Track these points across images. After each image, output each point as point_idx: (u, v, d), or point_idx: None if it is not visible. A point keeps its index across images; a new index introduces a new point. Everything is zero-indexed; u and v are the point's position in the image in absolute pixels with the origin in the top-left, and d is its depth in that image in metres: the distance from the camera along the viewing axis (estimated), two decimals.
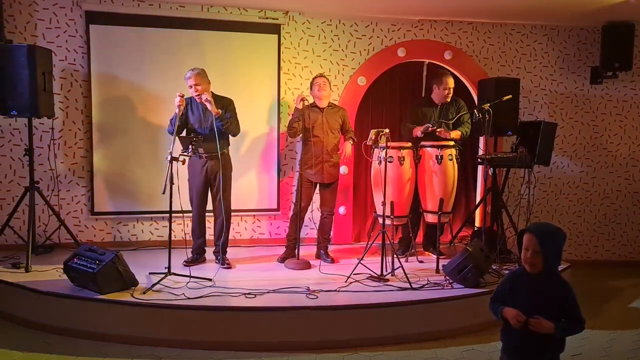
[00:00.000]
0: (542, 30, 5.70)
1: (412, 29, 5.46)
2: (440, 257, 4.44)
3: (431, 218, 4.60)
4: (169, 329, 3.48)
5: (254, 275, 4.26)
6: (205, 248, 4.58)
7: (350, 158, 4.74)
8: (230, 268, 4.42)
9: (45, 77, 4.32)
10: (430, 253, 4.95)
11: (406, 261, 4.65)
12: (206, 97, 4.12)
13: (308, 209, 4.75)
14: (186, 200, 4.34)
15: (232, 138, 4.49)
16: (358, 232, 5.64)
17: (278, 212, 5.33)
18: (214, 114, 4.15)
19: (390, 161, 4.28)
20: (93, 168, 4.90)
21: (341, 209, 5.36)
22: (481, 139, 5.42)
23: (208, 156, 4.24)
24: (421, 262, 4.69)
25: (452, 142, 4.55)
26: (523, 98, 5.52)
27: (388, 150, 4.19)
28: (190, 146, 4.07)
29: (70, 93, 4.88)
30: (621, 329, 4.04)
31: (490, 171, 4.89)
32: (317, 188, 4.71)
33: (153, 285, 3.75)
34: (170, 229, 3.98)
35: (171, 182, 3.81)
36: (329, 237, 4.86)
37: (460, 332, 3.78)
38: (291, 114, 4.84)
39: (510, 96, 4.57)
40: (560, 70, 5.77)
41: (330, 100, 4.67)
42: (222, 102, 4.32)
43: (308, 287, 3.85)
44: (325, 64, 5.34)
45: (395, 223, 4.50)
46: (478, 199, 5.60)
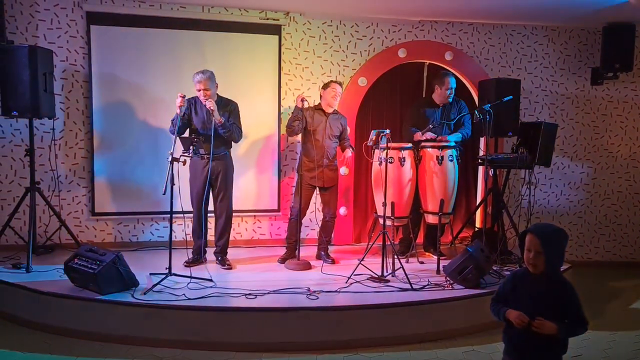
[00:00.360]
0: (543, 31, 5.70)
1: (413, 30, 5.47)
2: (440, 258, 4.44)
3: (432, 219, 4.60)
4: (170, 330, 3.48)
5: (255, 276, 4.26)
6: (206, 249, 4.57)
7: (350, 160, 4.74)
8: (230, 269, 4.42)
9: (46, 78, 4.33)
10: (430, 254, 4.95)
11: (407, 262, 4.64)
12: (210, 105, 4.11)
13: (307, 212, 4.74)
14: (187, 200, 4.34)
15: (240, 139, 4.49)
16: (359, 233, 5.64)
17: (279, 213, 5.33)
18: (217, 122, 4.15)
19: (390, 162, 4.28)
20: (94, 168, 4.91)
21: (342, 210, 5.36)
22: (482, 140, 5.42)
23: (210, 157, 4.24)
24: (422, 263, 4.69)
25: (453, 143, 4.55)
26: (524, 99, 5.52)
27: (389, 151, 4.20)
28: (191, 147, 4.07)
29: (71, 94, 4.89)
30: (622, 330, 4.03)
31: (490, 172, 4.89)
32: (317, 191, 4.71)
33: (154, 285, 3.75)
34: (170, 230, 3.98)
35: (172, 183, 3.81)
36: (330, 239, 4.86)
37: (460, 333, 3.78)
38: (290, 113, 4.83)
39: (511, 97, 4.56)
40: (560, 71, 5.77)
41: None
42: (228, 106, 4.33)
43: (308, 288, 3.85)
44: (325, 65, 5.35)
45: (395, 224, 4.50)
46: (479, 200, 5.60)
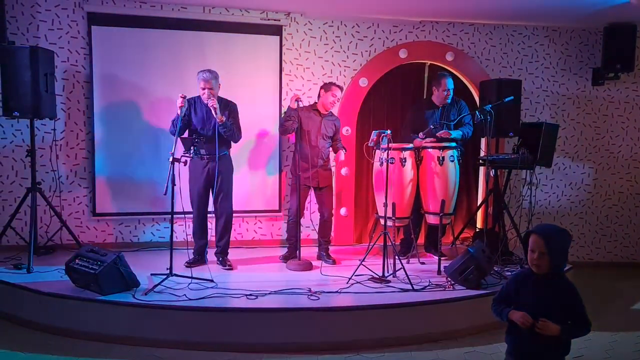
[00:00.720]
0: (544, 31, 5.69)
1: (414, 30, 5.46)
2: (441, 259, 4.44)
3: (433, 219, 4.60)
4: (171, 330, 3.48)
5: (256, 276, 4.26)
6: (206, 249, 4.58)
7: (343, 161, 4.74)
8: (231, 269, 4.42)
9: (47, 79, 4.33)
10: (431, 254, 4.95)
11: (408, 262, 4.64)
12: (212, 104, 4.12)
13: (304, 213, 4.73)
14: (188, 201, 4.34)
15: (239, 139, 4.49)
16: (359, 234, 5.64)
17: (279, 213, 5.33)
18: (218, 121, 4.15)
19: (391, 162, 4.28)
20: (95, 169, 4.91)
21: (342, 210, 5.36)
22: (483, 140, 5.41)
23: (209, 157, 4.24)
24: (423, 264, 4.68)
25: (454, 144, 4.55)
26: (525, 99, 5.52)
27: (390, 151, 4.19)
28: (191, 147, 4.07)
29: (72, 94, 4.89)
30: (623, 331, 4.03)
31: (491, 172, 4.89)
32: (312, 191, 4.71)
33: (154, 286, 3.75)
34: (171, 230, 3.98)
35: (173, 183, 3.81)
36: (329, 239, 4.85)
37: (461, 334, 3.78)
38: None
39: (512, 97, 4.56)
40: (562, 71, 5.76)
41: None
42: (227, 107, 4.33)
43: (309, 289, 3.85)
44: (326, 65, 5.35)
45: (396, 224, 4.49)
46: (480, 201, 5.60)
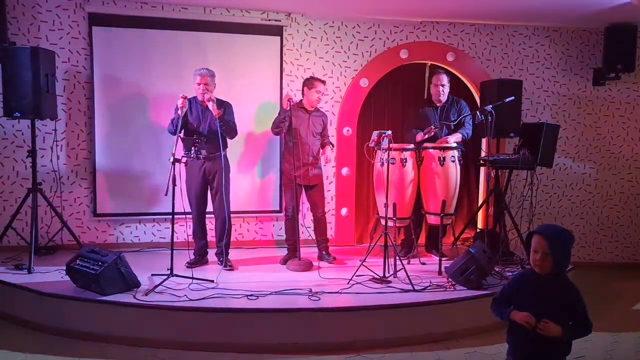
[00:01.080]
0: (545, 31, 5.69)
1: (415, 31, 5.46)
2: (442, 259, 4.44)
3: (433, 220, 4.60)
4: (171, 331, 3.48)
5: (256, 276, 4.25)
6: (207, 249, 4.58)
7: (330, 156, 4.75)
8: (232, 269, 4.41)
9: (48, 79, 4.33)
10: (432, 255, 4.94)
11: (408, 263, 4.63)
12: (209, 97, 4.13)
13: (299, 211, 4.71)
14: (187, 201, 4.34)
15: (235, 140, 4.49)
16: (360, 234, 5.63)
17: (280, 214, 5.32)
18: (215, 114, 4.15)
19: (392, 163, 4.27)
20: (95, 169, 4.91)
21: (343, 211, 5.36)
22: (483, 141, 5.41)
23: (206, 157, 4.23)
24: (423, 264, 4.68)
25: (455, 144, 4.55)
26: (525, 100, 5.51)
27: (390, 151, 4.19)
28: (192, 147, 4.07)
29: (73, 95, 4.89)
30: (624, 331, 4.02)
31: (492, 173, 4.88)
32: (303, 191, 4.70)
33: (155, 286, 3.75)
34: (172, 231, 3.98)
35: (173, 184, 3.82)
36: (327, 238, 4.85)
37: (462, 334, 3.77)
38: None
39: (512, 98, 4.56)
40: (562, 71, 5.76)
41: None
42: (223, 105, 4.33)
43: (310, 289, 3.85)
44: (327, 66, 5.35)
45: (397, 225, 4.49)
46: (480, 201, 5.60)
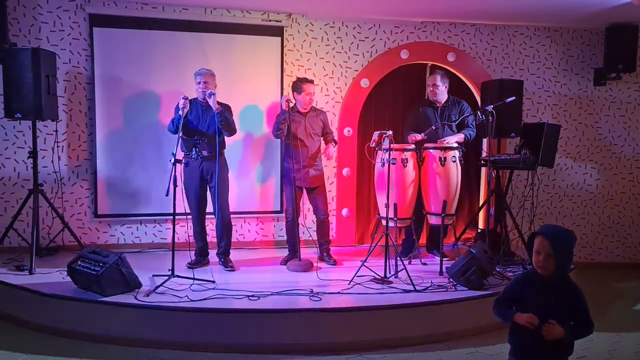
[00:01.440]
0: (546, 32, 5.69)
1: (415, 31, 5.46)
2: (443, 259, 4.44)
3: (434, 220, 4.59)
4: (172, 332, 3.48)
5: (257, 277, 4.26)
6: (208, 250, 4.58)
7: (333, 154, 4.74)
8: (233, 270, 4.42)
9: (49, 80, 4.33)
10: (433, 255, 4.94)
11: (409, 263, 4.63)
12: (211, 91, 4.15)
13: (300, 213, 4.70)
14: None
15: (235, 140, 4.49)
16: (361, 234, 5.63)
17: (281, 214, 5.32)
18: (215, 109, 4.16)
19: (393, 163, 4.27)
20: (97, 170, 4.91)
21: (344, 211, 5.36)
22: (484, 141, 5.41)
23: (203, 157, 4.23)
24: (424, 264, 4.68)
25: (456, 144, 4.55)
26: (526, 100, 5.51)
27: (391, 152, 4.19)
28: (193, 148, 4.07)
29: (74, 96, 4.90)
30: (626, 332, 4.02)
31: (493, 173, 4.88)
32: (305, 193, 4.70)
33: (156, 287, 3.76)
34: (173, 231, 3.98)
35: (174, 184, 3.82)
36: (329, 240, 4.85)
37: (463, 335, 3.77)
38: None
39: (513, 98, 4.56)
40: (563, 72, 5.75)
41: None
42: (222, 107, 4.33)
43: (311, 290, 3.85)
44: (328, 66, 5.35)
45: (398, 225, 4.49)
46: (481, 201, 5.59)
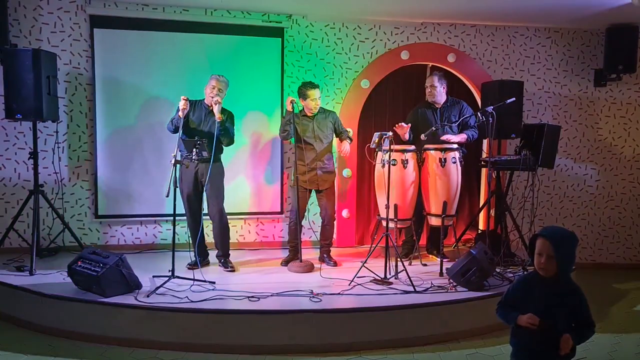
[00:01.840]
0: (546, 32, 5.69)
1: (416, 32, 5.47)
2: (444, 260, 4.44)
3: (435, 221, 4.59)
4: (173, 332, 3.48)
5: (258, 278, 4.26)
6: (208, 251, 4.59)
7: (348, 156, 4.74)
8: (233, 271, 4.42)
9: (49, 81, 4.34)
10: (434, 256, 4.94)
11: (410, 264, 4.64)
12: (217, 100, 4.18)
13: (305, 215, 4.70)
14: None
15: (235, 141, 4.48)
16: (361, 235, 5.63)
17: (281, 216, 5.33)
18: (217, 119, 4.17)
19: (393, 164, 4.28)
20: (97, 171, 4.92)
21: (344, 212, 5.36)
22: (485, 142, 5.41)
23: (199, 160, 4.23)
24: (425, 265, 4.68)
25: (456, 145, 4.55)
26: (527, 101, 5.51)
27: (391, 153, 4.19)
28: (194, 149, 4.07)
29: (74, 97, 4.91)
30: (626, 333, 4.02)
31: (494, 174, 4.88)
32: (314, 194, 4.70)
33: (157, 288, 3.76)
34: (174, 232, 3.98)
35: (175, 186, 3.82)
36: (331, 242, 4.85)
37: (464, 336, 3.77)
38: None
39: (514, 99, 4.56)
40: (563, 72, 5.76)
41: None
42: (225, 114, 4.34)
43: (311, 290, 3.85)
44: (328, 67, 5.35)
45: (398, 226, 4.49)
46: (482, 202, 5.59)
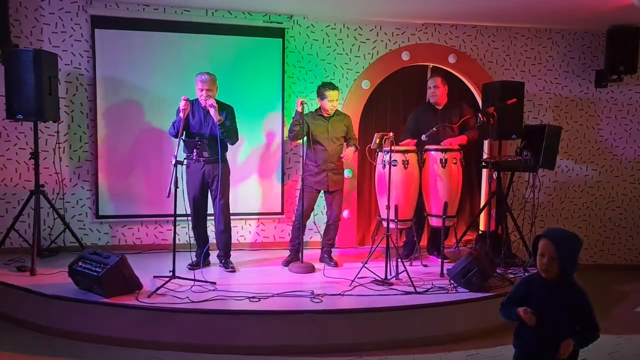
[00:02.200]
0: (547, 33, 5.69)
1: (417, 33, 5.47)
2: (444, 261, 4.44)
3: (435, 222, 4.59)
4: (173, 333, 3.48)
5: (258, 278, 4.26)
6: (209, 251, 4.58)
7: (351, 163, 4.74)
8: (234, 272, 4.42)
9: (50, 81, 4.34)
10: (434, 257, 4.94)
11: (410, 265, 4.64)
12: (211, 103, 4.13)
13: (311, 215, 4.71)
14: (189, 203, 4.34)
15: (236, 141, 4.49)
16: (362, 236, 5.63)
17: (282, 216, 5.33)
18: (216, 121, 4.15)
19: (394, 165, 4.27)
20: (98, 171, 4.92)
21: (345, 213, 5.35)
22: (486, 143, 5.41)
23: (205, 160, 4.23)
24: (425, 266, 4.68)
25: (457, 146, 4.54)
26: (527, 102, 5.51)
27: (392, 153, 4.19)
28: (195, 150, 4.08)
29: (75, 97, 4.91)
30: (627, 334, 4.02)
31: (494, 175, 4.88)
32: (322, 194, 4.70)
33: (157, 288, 3.76)
34: (174, 233, 3.98)
35: (176, 186, 3.82)
36: (334, 242, 4.85)
37: (464, 337, 3.77)
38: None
39: (514, 100, 4.56)
40: (564, 73, 5.75)
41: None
42: (225, 110, 4.32)
43: (312, 291, 3.85)
44: (329, 68, 5.35)
45: (399, 227, 4.49)
46: (482, 203, 5.59)
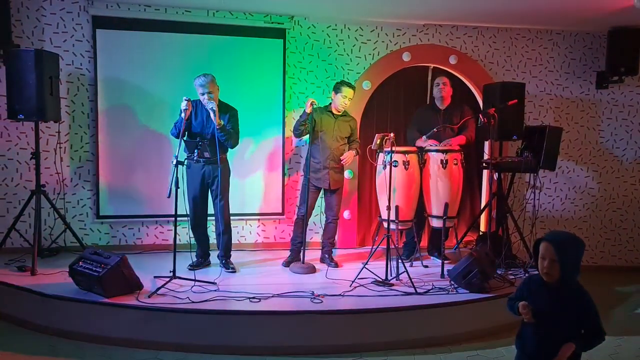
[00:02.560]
0: (548, 35, 5.69)
1: (417, 34, 5.47)
2: (445, 262, 4.44)
3: (436, 222, 4.59)
4: (174, 333, 3.48)
5: (259, 279, 4.26)
6: (209, 252, 4.59)
7: (349, 164, 4.75)
8: (234, 272, 4.42)
9: (52, 81, 4.35)
10: (435, 258, 4.94)
11: (411, 266, 4.64)
12: (212, 106, 4.11)
13: (312, 213, 4.72)
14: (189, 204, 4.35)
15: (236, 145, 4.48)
16: (363, 237, 5.63)
17: (283, 216, 5.33)
18: (216, 124, 4.13)
19: (395, 165, 4.28)
20: (99, 172, 4.92)
21: (346, 213, 5.36)
22: (486, 144, 5.41)
23: (206, 161, 4.23)
24: (426, 267, 4.68)
25: (458, 147, 4.55)
26: (528, 102, 5.51)
27: (393, 154, 4.19)
28: (195, 150, 4.08)
29: (76, 97, 4.91)
30: (627, 335, 4.02)
31: (495, 176, 4.88)
32: (322, 193, 4.71)
33: (158, 289, 3.76)
34: (175, 233, 3.98)
35: (176, 186, 3.82)
36: (334, 242, 4.85)
37: (465, 337, 3.76)
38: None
39: (515, 100, 4.56)
40: (565, 74, 5.75)
41: None
42: (228, 111, 4.31)
43: (313, 292, 3.85)
44: (330, 69, 5.36)
45: (400, 227, 4.49)
46: (483, 204, 5.59)
